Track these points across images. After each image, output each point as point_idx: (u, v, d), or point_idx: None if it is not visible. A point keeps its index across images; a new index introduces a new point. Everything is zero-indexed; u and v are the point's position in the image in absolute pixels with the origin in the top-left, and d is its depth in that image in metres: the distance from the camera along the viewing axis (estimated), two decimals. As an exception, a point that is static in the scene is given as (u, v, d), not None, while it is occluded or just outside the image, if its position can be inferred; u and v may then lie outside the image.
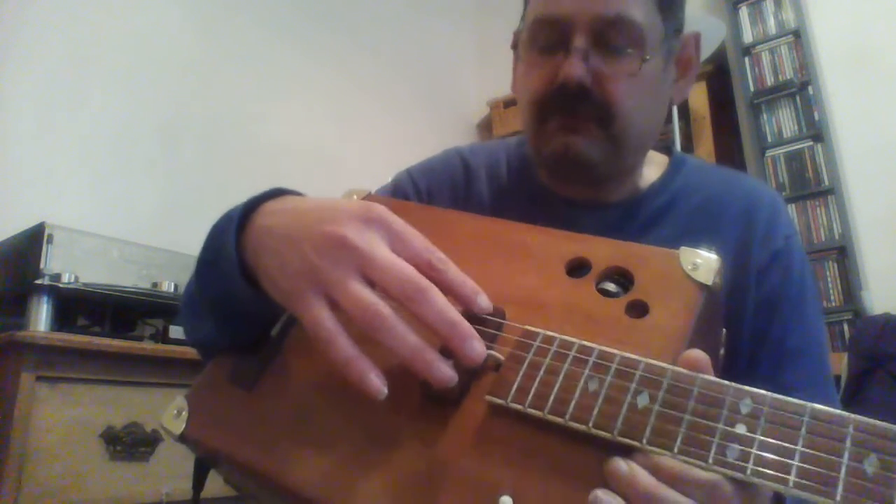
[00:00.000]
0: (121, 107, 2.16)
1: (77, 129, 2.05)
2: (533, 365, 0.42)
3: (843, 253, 2.41)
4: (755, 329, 0.67)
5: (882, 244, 2.37)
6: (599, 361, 0.41)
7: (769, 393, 0.37)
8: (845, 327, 2.34)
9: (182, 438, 0.50)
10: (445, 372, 0.42)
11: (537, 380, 0.41)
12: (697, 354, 0.40)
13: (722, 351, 0.51)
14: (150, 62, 2.27)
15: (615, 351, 0.41)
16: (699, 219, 0.70)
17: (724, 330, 0.48)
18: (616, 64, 0.64)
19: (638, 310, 0.44)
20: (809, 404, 0.36)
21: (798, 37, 2.64)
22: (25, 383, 1.34)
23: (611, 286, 0.47)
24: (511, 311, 0.47)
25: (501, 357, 0.44)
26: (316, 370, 0.49)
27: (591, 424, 0.38)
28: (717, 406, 0.37)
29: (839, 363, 2.02)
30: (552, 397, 0.40)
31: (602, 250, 0.49)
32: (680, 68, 0.72)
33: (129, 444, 1.45)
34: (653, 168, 0.76)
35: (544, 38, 0.66)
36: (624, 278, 0.46)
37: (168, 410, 0.51)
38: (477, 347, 0.42)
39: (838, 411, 0.35)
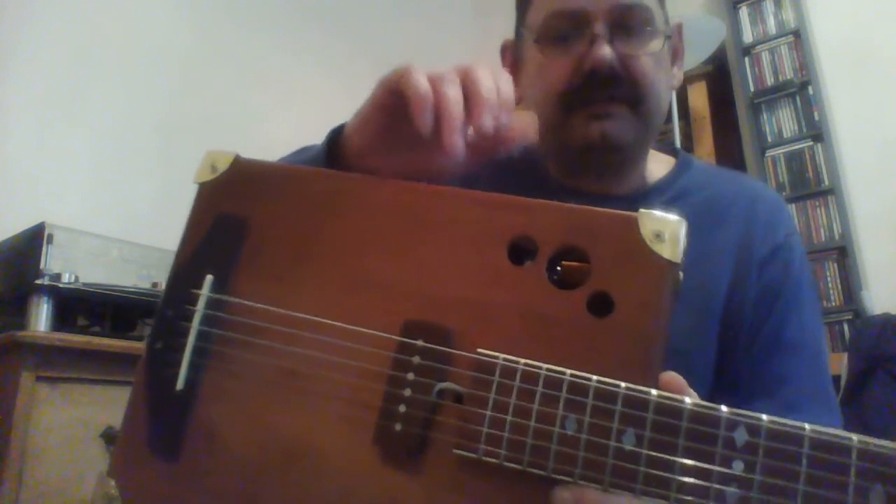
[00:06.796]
0: (120, 107, 2.16)
1: (77, 130, 2.05)
2: (498, 406, 0.38)
3: (843, 253, 2.41)
4: (753, 320, 0.68)
5: (882, 244, 2.37)
6: (572, 397, 0.37)
7: (763, 417, 0.34)
8: (845, 327, 2.34)
9: None
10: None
11: (507, 424, 0.37)
12: (669, 378, 0.38)
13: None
14: (150, 62, 2.27)
15: (587, 380, 0.37)
16: (704, 216, 0.70)
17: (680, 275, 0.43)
18: (639, 44, 0.66)
19: (601, 305, 0.40)
20: (807, 429, 0.34)
21: (798, 37, 2.64)
22: (25, 383, 1.34)
23: (564, 273, 0.42)
24: (456, 320, 0.41)
25: (461, 388, 0.39)
26: (248, 424, 0.44)
27: (576, 477, 0.36)
28: (710, 443, 0.34)
29: (839, 363, 2.02)
30: (528, 446, 0.37)
31: (547, 221, 0.43)
32: (672, 55, 0.75)
33: (129, 444, 1.45)
34: (660, 166, 0.76)
35: (561, 30, 0.66)
36: (578, 258, 0.41)
37: (97, 497, 0.46)
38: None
39: (838, 436, 0.33)
